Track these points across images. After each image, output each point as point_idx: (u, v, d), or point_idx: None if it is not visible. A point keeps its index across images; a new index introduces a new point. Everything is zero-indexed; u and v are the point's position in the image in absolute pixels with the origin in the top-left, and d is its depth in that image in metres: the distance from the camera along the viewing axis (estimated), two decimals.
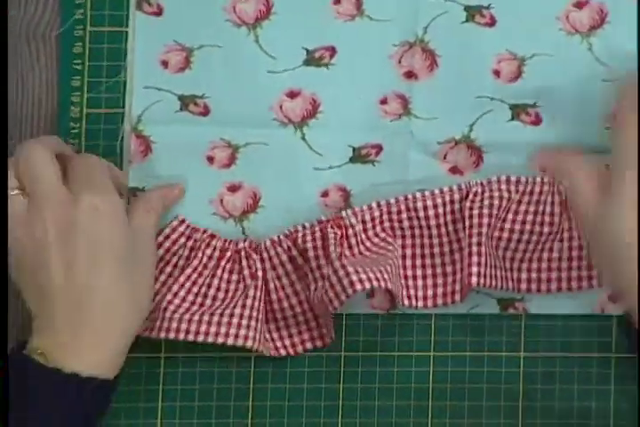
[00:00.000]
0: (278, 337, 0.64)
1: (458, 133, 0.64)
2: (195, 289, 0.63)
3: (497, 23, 0.64)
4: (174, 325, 0.61)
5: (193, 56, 0.64)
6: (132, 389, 0.64)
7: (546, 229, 0.63)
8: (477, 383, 0.65)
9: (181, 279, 0.63)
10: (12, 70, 0.64)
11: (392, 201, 0.63)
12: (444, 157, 0.65)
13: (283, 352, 0.64)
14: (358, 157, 0.65)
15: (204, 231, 0.64)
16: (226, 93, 0.64)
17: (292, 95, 0.64)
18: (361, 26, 0.64)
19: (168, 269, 0.63)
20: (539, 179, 0.63)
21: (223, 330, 0.61)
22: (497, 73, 0.64)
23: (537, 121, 0.64)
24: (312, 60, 0.64)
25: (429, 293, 0.63)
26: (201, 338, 0.61)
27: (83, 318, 0.56)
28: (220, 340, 0.61)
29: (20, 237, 0.57)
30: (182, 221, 0.64)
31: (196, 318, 0.61)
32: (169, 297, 0.62)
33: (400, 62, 0.64)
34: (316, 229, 0.63)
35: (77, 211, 0.57)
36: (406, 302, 0.63)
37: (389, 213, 0.63)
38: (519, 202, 0.63)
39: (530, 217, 0.63)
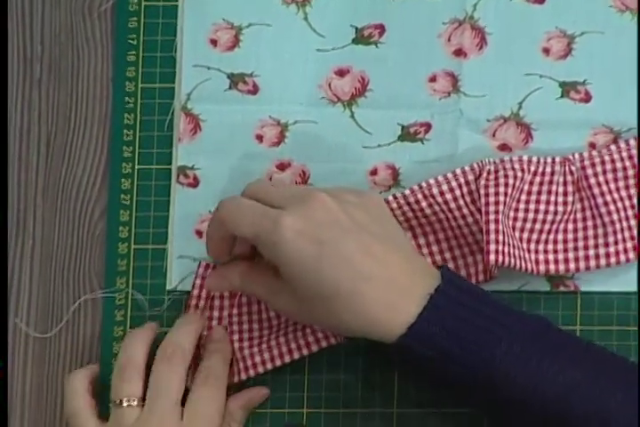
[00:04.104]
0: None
1: (507, 111, 0.64)
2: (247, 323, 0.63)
3: (547, 0, 0.64)
4: (249, 362, 0.62)
5: (242, 34, 0.64)
6: None
7: (560, 209, 0.62)
8: None
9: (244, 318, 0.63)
10: (68, 46, 0.65)
11: (407, 192, 0.61)
12: (494, 135, 0.64)
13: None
14: (407, 135, 0.65)
15: None
16: (275, 72, 0.64)
17: (341, 73, 0.65)
18: (410, 3, 0.64)
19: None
20: (549, 159, 0.62)
21: (289, 347, 0.62)
22: (546, 50, 0.64)
23: (587, 98, 0.64)
24: (361, 38, 0.64)
25: None
26: (279, 362, 0.62)
27: None
28: (296, 355, 0.62)
29: None
30: None
31: (264, 346, 0.62)
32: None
33: (449, 40, 0.64)
34: None
35: None
36: None
37: (408, 203, 0.61)
38: (531, 182, 0.62)
39: (543, 197, 0.62)
